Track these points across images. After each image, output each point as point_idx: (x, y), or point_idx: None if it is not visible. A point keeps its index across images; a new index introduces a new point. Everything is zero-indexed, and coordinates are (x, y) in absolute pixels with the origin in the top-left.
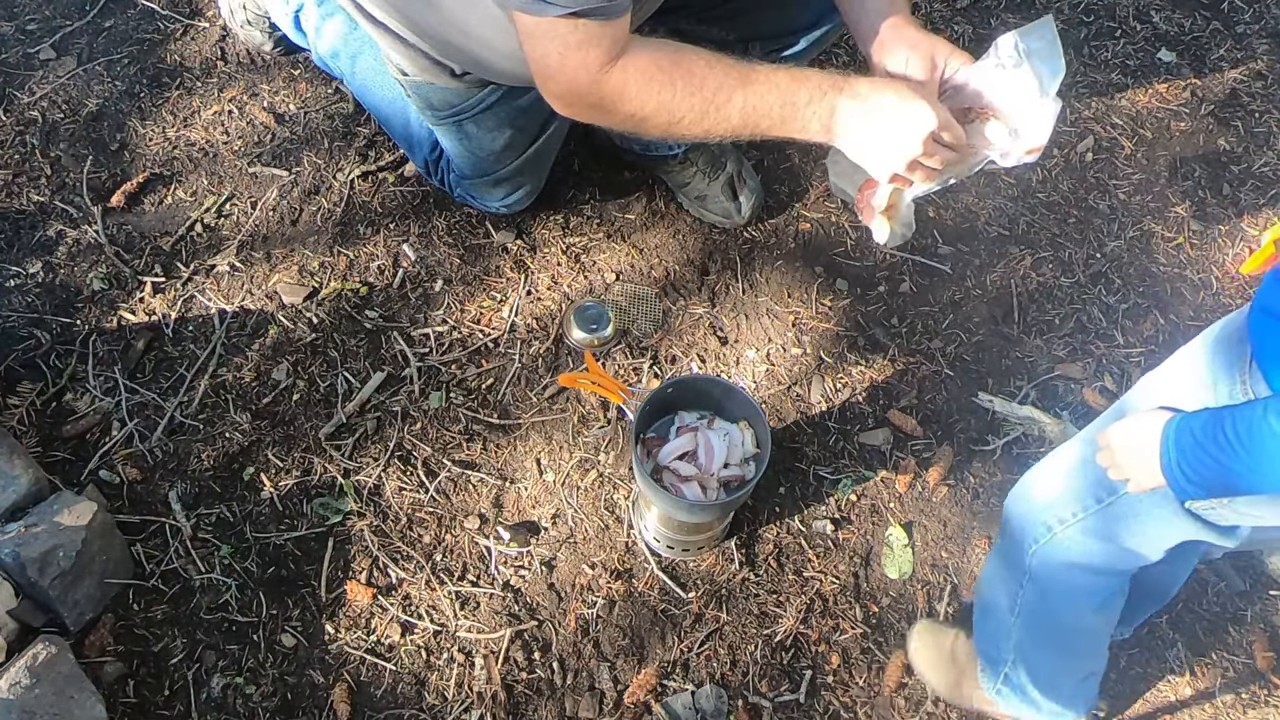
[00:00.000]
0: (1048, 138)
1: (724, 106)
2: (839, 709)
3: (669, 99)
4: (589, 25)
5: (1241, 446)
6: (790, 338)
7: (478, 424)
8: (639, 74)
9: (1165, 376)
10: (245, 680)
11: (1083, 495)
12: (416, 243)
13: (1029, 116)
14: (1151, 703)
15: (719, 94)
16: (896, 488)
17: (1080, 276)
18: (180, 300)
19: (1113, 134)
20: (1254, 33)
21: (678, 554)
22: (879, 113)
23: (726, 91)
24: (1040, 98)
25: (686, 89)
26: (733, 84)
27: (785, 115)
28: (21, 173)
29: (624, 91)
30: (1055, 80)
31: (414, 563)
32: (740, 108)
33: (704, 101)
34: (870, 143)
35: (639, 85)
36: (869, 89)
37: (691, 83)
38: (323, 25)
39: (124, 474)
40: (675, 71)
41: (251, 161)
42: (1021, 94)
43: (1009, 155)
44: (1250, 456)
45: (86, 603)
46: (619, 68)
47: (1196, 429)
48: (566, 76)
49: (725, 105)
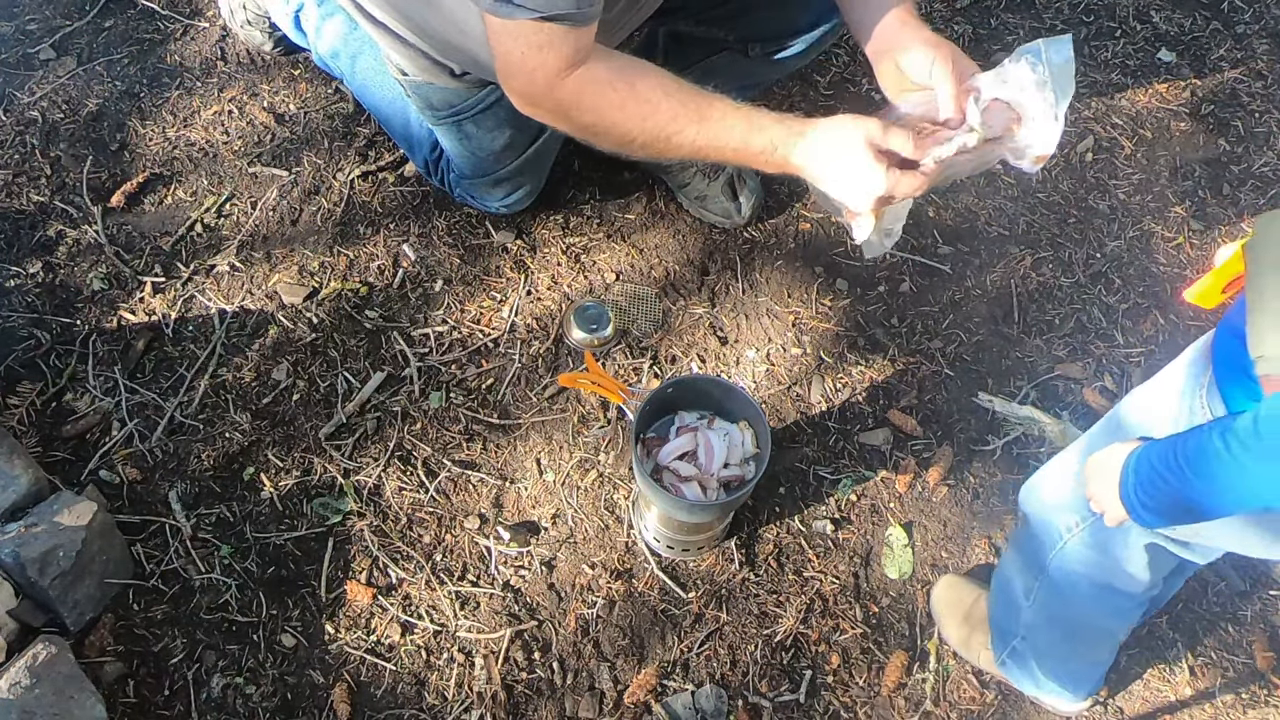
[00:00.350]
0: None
1: (675, 137)
2: (839, 709)
3: (620, 119)
4: (553, 29)
5: (1192, 471)
6: (790, 338)
7: (478, 424)
8: (594, 87)
9: (1146, 394)
10: (245, 680)
11: (1080, 504)
12: (416, 243)
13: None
14: (1151, 703)
15: (671, 124)
16: (896, 488)
17: (1080, 276)
18: (180, 300)
19: (1113, 134)
20: (1254, 33)
21: (678, 554)
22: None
23: (679, 124)
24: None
25: (639, 113)
26: (687, 118)
27: (740, 158)
28: (21, 173)
29: (578, 101)
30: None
31: (414, 563)
32: (692, 141)
33: (656, 128)
34: (834, 189)
35: (592, 99)
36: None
37: (644, 108)
38: (323, 25)
39: (124, 474)
40: (630, 94)
41: (251, 161)
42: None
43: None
44: (1200, 480)
45: (86, 603)
46: (575, 77)
47: (1154, 457)
48: (525, 76)
49: (677, 136)
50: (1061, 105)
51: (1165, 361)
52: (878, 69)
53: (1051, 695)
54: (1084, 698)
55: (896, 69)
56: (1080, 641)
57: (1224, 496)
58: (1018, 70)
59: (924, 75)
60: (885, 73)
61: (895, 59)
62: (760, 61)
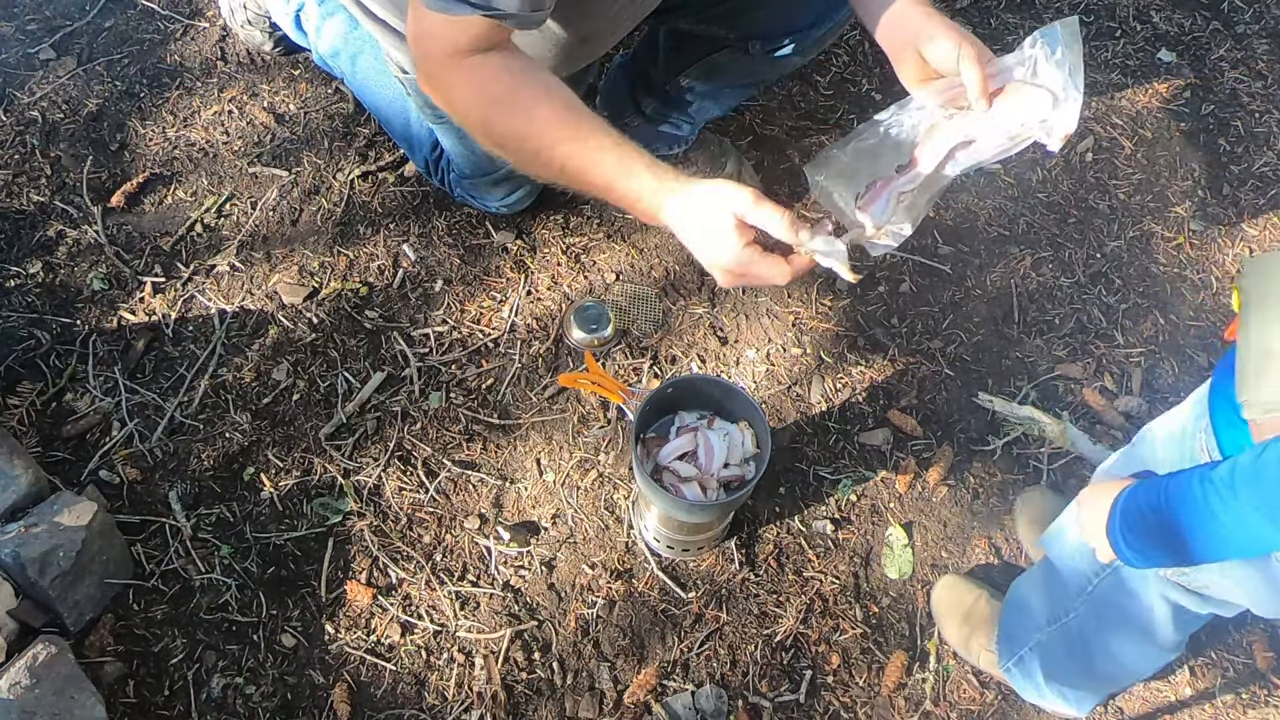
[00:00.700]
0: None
1: (545, 151)
2: (839, 709)
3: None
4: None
5: (1172, 514)
6: (790, 338)
7: (478, 424)
8: (473, 80)
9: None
10: (245, 680)
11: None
12: (416, 243)
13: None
14: (1151, 703)
15: (544, 135)
16: (896, 488)
17: (1080, 276)
18: (180, 300)
19: (1113, 134)
20: (1254, 33)
21: (678, 554)
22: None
23: (551, 136)
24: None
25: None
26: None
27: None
28: (21, 173)
29: (451, 92)
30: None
31: (414, 563)
32: (562, 162)
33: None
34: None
35: (467, 91)
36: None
37: (518, 114)
38: (323, 25)
39: (124, 474)
40: (510, 98)
41: (251, 161)
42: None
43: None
44: (1179, 525)
45: (86, 603)
46: (460, 65)
47: (1140, 497)
48: (416, 47)
49: (547, 151)
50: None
51: (1165, 361)
52: (898, 59)
53: (1054, 704)
54: (1085, 713)
55: (918, 58)
56: (1095, 677)
57: (1202, 543)
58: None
59: (949, 63)
60: (906, 61)
61: (918, 48)
62: (761, 59)
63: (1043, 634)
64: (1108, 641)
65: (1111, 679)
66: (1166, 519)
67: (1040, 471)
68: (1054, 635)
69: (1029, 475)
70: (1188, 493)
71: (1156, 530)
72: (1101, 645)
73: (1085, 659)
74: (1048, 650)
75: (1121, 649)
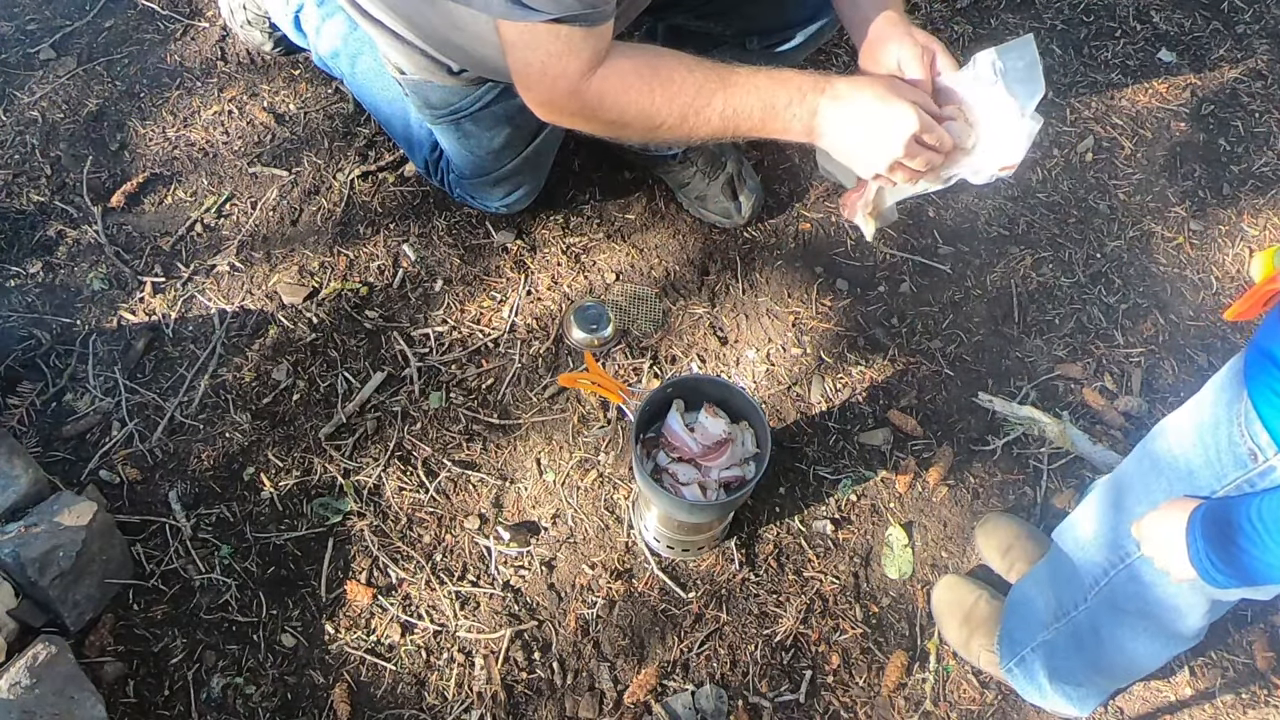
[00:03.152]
0: (1022, 156)
1: (703, 110)
2: (839, 709)
3: (648, 105)
4: (571, 33)
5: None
6: (790, 338)
7: (478, 424)
8: (619, 82)
9: (1178, 425)
10: (245, 680)
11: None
12: (416, 243)
13: (1004, 134)
14: (1151, 703)
15: (698, 98)
16: (896, 488)
17: (1080, 276)
18: (180, 300)
19: (1113, 134)
20: (1254, 33)
21: (678, 554)
22: (859, 114)
23: (706, 96)
24: (1019, 117)
25: (665, 95)
26: (712, 88)
27: (765, 117)
28: (21, 173)
29: (603, 100)
30: (1033, 100)
31: (414, 563)
32: (720, 111)
33: (684, 106)
34: (852, 143)
35: (618, 93)
36: (849, 89)
37: (670, 88)
38: (323, 25)
39: (124, 474)
40: (654, 78)
41: (251, 161)
42: (998, 111)
43: (980, 173)
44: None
45: (86, 603)
46: (599, 76)
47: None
48: (546, 86)
49: (705, 109)
50: (1029, 104)
51: (1165, 361)
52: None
53: (1056, 704)
54: (1087, 713)
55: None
56: (1103, 672)
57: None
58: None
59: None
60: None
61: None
62: (759, 56)
63: (1048, 632)
64: (1121, 633)
65: (1121, 672)
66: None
67: (1040, 471)
68: (1060, 631)
69: (1029, 475)
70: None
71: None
72: (1113, 637)
73: (1095, 652)
74: (1053, 648)
75: (1135, 640)
